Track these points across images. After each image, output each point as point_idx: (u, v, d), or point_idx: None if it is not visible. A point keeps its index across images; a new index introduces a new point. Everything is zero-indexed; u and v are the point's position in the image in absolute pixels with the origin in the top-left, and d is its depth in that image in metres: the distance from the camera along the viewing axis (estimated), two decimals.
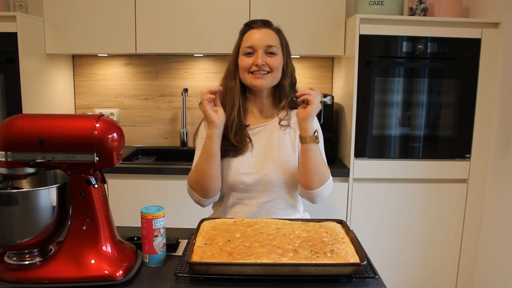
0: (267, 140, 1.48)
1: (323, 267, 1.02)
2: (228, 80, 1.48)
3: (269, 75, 1.43)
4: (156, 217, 1.12)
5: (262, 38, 1.42)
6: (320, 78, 2.79)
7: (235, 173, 1.43)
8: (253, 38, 1.43)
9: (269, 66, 1.42)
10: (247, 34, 1.45)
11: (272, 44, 1.43)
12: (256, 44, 1.42)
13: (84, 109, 2.83)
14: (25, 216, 1.04)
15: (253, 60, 1.41)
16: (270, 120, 1.51)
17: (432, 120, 2.31)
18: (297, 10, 2.40)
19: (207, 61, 2.79)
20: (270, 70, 1.43)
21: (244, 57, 1.43)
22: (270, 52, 1.42)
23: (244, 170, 1.43)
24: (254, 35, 1.43)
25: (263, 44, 1.41)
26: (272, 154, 1.45)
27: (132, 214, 1.50)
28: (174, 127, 2.84)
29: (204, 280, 1.04)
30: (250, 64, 1.42)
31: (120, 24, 2.40)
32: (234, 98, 1.45)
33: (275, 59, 1.43)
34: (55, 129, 1.04)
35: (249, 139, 1.47)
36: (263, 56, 1.41)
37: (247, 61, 1.42)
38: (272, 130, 1.49)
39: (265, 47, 1.42)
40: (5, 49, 2.22)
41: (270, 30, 1.45)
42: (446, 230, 2.38)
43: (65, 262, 1.04)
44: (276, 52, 1.43)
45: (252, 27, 1.45)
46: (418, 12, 2.37)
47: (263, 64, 1.41)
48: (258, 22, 1.46)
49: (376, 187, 2.33)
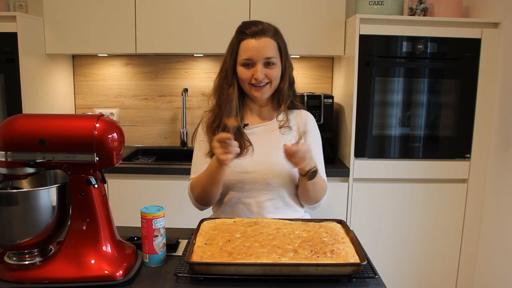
0: (266, 140, 1.48)
1: (323, 267, 1.02)
2: (225, 84, 1.46)
3: (268, 86, 1.43)
4: (156, 217, 1.12)
5: (260, 50, 1.39)
6: (320, 78, 2.79)
7: (234, 173, 1.43)
8: (251, 49, 1.39)
9: (268, 77, 1.42)
10: (245, 44, 1.41)
11: (271, 56, 1.40)
12: (255, 56, 1.39)
13: (84, 109, 2.83)
14: (25, 216, 1.04)
15: (252, 73, 1.41)
16: (269, 121, 1.52)
17: (432, 120, 2.31)
18: (297, 10, 2.40)
19: (207, 61, 2.79)
20: (269, 81, 1.43)
21: (243, 69, 1.42)
22: (268, 63, 1.41)
23: (243, 170, 1.43)
24: (251, 45, 1.39)
25: (261, 57, 1.39)
26: (271, 153, 1.45)
27: (132, 214, 1.50)
28: (174, 127, 2.84)
29: (204, 280, 1.04)
30: (250, 76, 1.41)
31: (120, 24, 2.40)
32: (232, 103, 1.45)
33: (274, 70, 1.42)
34: (55, 129, 1.04)
35: (248, 143, 1.46)
36: (262, 69, 1.40)
37: (247, 73, 1.41)
38: (271, 130, 1.49)
39: (264, 59, 1.40)
40: (5, 49, 2.22)
41: (268, 39, 1.41)
42: (446, 230, 2.38)
43: (65, 262, 1.04)
44: (275, 62, 1.42)
45: (249, 35, 1.40)
46: (418, 12, 2.37)
47: (263, 77, 1.41)
48: (255, 29, 1.40)
49: (376, 187, 2.33)
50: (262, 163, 1.44)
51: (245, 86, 1.44)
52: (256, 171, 1.43)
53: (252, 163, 1.44)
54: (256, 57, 1.39)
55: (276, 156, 1.44)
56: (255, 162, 1.44)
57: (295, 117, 1.53)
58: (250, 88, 1.43)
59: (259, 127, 1.50)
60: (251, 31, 1.40)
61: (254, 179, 1.43)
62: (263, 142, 1.47)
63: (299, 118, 1.53)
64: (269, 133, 1.49)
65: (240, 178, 1.43)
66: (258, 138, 1.48)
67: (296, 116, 1.53)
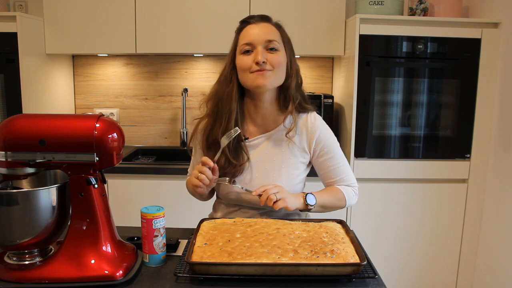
0: (267, 155, 1.37)
1: (323, 267, 1.02)
2: (224, 85, 1.34)
3: (271, 73, 1.28)
4: (156, 217, 1.12)
5: (261, 33, 1.27)
6: (320, 78, 2.79)
7: (234, 193, 1.38)
8: (250, 33, 1.28)
9: (270, 64, 1.27)
10: (244, 31, 1.31)
11: (273, 39, 1.28)
12: (255, 39, 1.27)
13: (84, 109, 2.83)
14: (25, 216, 1.04)
15: (253, 58, 1.27)
16: (272, 129, 1.38)
17: (432, 120, 2.31)
18: (297, 10, 2.40)
19: (207, 61, 2.79)
20: (272, 68, 1.28)
21: (243, 56, 1.29)
22: (271, 48, 1.28)
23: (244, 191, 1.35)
24: (251, 30, 1.29)
25: (262, 39, 1.27)
26: (272, 173, 1.36)
27: (132, 214, 1.50)
28: (174, 127, 2.84)
29: (204, 280, 1.04)
30: (250, 62, 1.27)
31: (120, 24, 2.40)
32: (231, 104, 1.32)
33: (277, 55, 1.28)
34: (55, 129, 1.04)
35: (246, 156, 1.35)
36: (263, 52, 1.27)
37: (246, 60, 1.28)
38: (274, 143, 1.37)
39: (265, 43, 1.27)
40: (5, 49, 2.22)
41: (270, 25, 1.31)
42: (446, 230, 2.38)
43: (65, 262, 1.04)
44: (277, 47, 1.29)
45: (249, 23, 1.31)
46: (418, 12, 2.37)
47: (264, 61, 1.26)
48: (256, 17, 1.32)
49: (376, 187, 2.33)
50: (262, 181, 1.34)
51: (245, 78, 1.29)
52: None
53: (252, 182, 1.36)
54: (256, 40, 1.27)
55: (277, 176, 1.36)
56: (255, 180, 1.36)
57: (301, 125, 1.38)
58: (252, 77, 1.28)
59: (261, 138, 1.39)
60: (252, 19, 1.32)
61: (254, 198, 1.31)
62: (263, 157, 1.37)
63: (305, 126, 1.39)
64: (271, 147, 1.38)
65: (239, 197, 1.38)
66: (259, 153, 1.38)
67: (302, 123, 1.39)
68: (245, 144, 1.37)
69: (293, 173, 1.38)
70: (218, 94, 1.36)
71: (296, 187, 1.39)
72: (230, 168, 1.34)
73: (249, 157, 1.37)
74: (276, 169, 1.36)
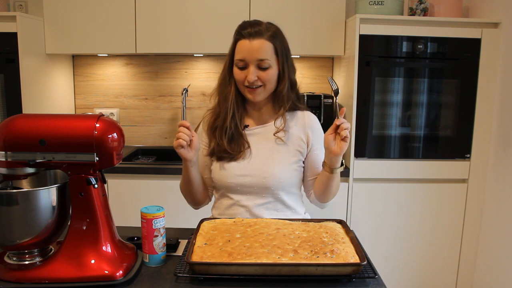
0: (267, 142, 1.46)
1: (323, 267, 1.02)
2: (223, 86, 1.46)
3: (261, 89, 1.40)
4: (156, 217, 1.12)
5: (253, 52, 1.36)
6: (320, 78, 2.79)
7: (232, 176, 1.42)
8: (243, 51, 1.37)
9: (261, 80, 1.39)
10: (240, 44, 1.39)
11: (264, 58, 1.37)
12: (247, 58, 1.37)
13: (84, 109, 2.83)
14: (25, 216, 1.04)
15: (245, 75, 1.38)
16: (269, 122, 1.49)
17: (432, 120, 2.32)
18: (297, 10, 2.40)
19: (207, 61, 2.79)
20: (263, 83, 1.39)
21: (237, 70, 1.40)
22: (262, 66, 1.38)
23: (242, 173, 1.42)
24: (245, 46, 1.37)
25: (254, 58, 1.36)
26: (271, 156, 1.43)
27: (132, 214, 1.50)
28: (174, 127, 2.84)
29: (204, 280, 1.04)
30: (243, 78, 1.39)
31: (120, 24, 2.40)
32: (227, 105, 1.44)
33: (267, 73, 1.38)
34: (55, 129, 1.04)
35: (247, 145, 1.45)
36: (254, 71, 1.37)
37: (241, 74, 1.39)
38: (271, 133, 1.46)
39: (256, 61, 1.37)
40: (5, 49, 2.22)
41: (263, 41, 1.37)
42: (446, 230, 2.38)
43: (65, 262, 1.04)
44: (268, 65, 1.38)
45: (244, 36, 1.38)
46: (418, 12, 2.37)
47: (255, 79, 1.38)
48: (250, 30, 1.38)
49: (376, 187, 2.33)
50: (261, 166, 1.42)
51: (240, 87, 1.43)
52: (254, 174, 1.42)
53: (251, 166, 1.43)
54: (248, 59, 1.37)
55: (276, 159, 1.43)
56: (253, 165, 1.43)
57: (297, 119, 1.49)
58: (244, 90, 1.42)
59: (260, 128, 1.48)
60: (246, 32, 1.38)
61: (252, 182, 1.41)
62: (262, 144, 1.46)
63: (301, 120, 1.49)
64: (270, 135, 1.47)
65: (238, 181, 1.42)
66: (258, 140, 1.47)
67: (299, 118, 1.49)
68: (245, 132, 1.47)
69: (291, 159, 1.45)
70: (218, 93, 1.49)
71: (292, 174, 1.45)
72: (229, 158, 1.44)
73: (249, 145, 1.45)
74: (274, 153, 1.44)
